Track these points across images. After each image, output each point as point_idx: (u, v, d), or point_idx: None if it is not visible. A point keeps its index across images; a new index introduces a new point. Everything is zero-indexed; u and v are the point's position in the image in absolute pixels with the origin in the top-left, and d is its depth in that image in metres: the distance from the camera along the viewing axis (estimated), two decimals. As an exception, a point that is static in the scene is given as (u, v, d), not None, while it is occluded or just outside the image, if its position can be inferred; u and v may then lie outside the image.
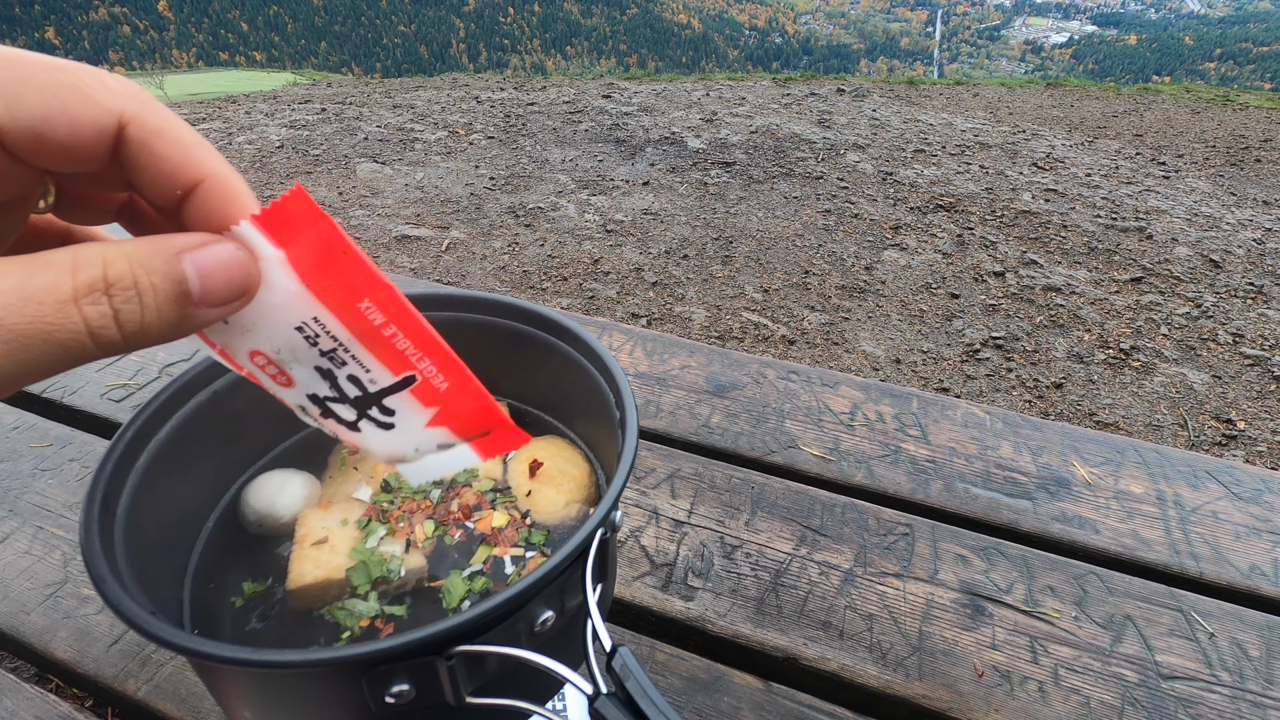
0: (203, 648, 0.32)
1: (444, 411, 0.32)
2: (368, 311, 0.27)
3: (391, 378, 0.30)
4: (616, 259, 3.31)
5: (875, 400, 0.94)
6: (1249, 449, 2.30)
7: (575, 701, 0.56)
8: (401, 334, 0.28)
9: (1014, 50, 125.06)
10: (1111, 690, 0.62)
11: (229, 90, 7.55)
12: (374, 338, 0.28)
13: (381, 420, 0.32)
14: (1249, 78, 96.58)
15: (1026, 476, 0.83)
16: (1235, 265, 3.35)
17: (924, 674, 0.63)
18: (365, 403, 0.31)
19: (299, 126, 5.07)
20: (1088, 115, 6.01)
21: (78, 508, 0.77)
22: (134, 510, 0.41)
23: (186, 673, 0.62)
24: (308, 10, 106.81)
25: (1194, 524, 0.78)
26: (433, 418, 0.32)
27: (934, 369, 2.66)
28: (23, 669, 0.69)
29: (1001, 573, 0.72)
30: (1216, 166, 4.75)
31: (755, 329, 2.85)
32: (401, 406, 0.31)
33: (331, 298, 0.27)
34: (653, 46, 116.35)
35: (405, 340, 0.29)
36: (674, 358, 1.01)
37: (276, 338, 0.28)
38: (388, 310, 0.27)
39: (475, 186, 4.06)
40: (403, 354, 0.29)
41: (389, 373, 0.30)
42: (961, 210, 3.81)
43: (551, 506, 0.51)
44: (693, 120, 5.15)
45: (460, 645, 0.33)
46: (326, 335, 0.28)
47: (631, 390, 0.47)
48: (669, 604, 0.68)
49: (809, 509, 0.78)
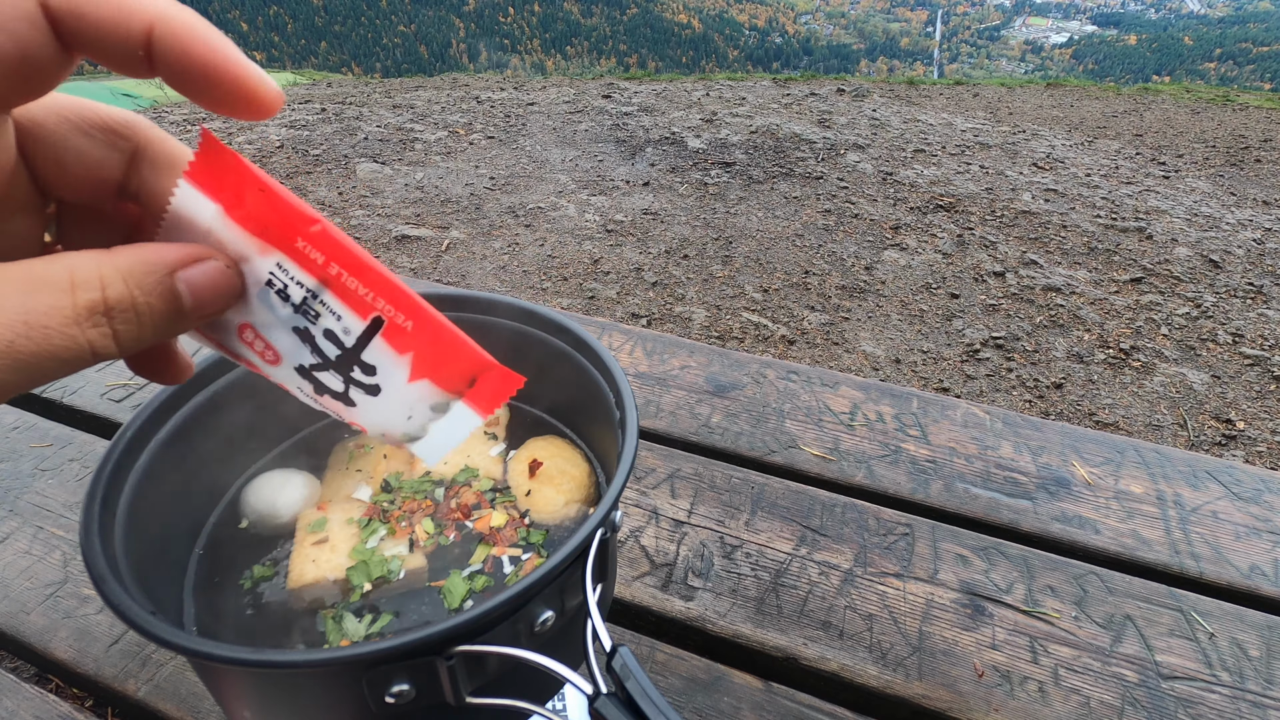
0: (203, 648, 0.32)
1: (420, 358, 0.29)
2: (307, 251, 0.25)
3: (361, 323, 0.27)
4: (616, 259, 3.31)
5: (875, 400, 0.94)
6: (1249, 449, 2.30)
7: (575, 701, 0.56)
8: (346, 273, 0.26)
9: (1014, 50, 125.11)
10: (1111, 690, 0.62)
11: (229, 90, 7.53)
12: (328, 280, 0.26)
13: (366, 382, 0.30)
14: (1249, 78, 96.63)
15: (1026, 476, 0.83)
16: (1235, 265, 3.35)
17: (924, 674, 0.63)
18: (346, 362, 0.29)
19: (299, 126, 5.07)
20: (1088, 115, 6.01)
21: (78, 508, 0.77)
22: (134, 510, 0.41)
23: (186, 673, 0.62)
24: (308, 10, 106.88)
25: (1194, 524, 0.78)
26: (411, 368, 0.29)
27: (934, 369, 2.66)
28: (23, 669, 0.69)
29: (1001, 573, 0.72)
30: (1216, 166, 4.75)
31: (755, 329, 2.85)
32: (380, 360, 0.29)
33: (276, 242, 0.25)
34: (653, 46, 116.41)
35: (353, 279, 0.26)
36: (674, 358, 1.01)
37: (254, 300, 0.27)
38: (324, 248, 0.25)
39: (475, 186, 4.07)
40: (358, 294, 0.27)
41: (357, 317, 0.27)
42: (961, 210, 3.81)
43: (551, 506, 0.51)
44: (693, 120, 5.15)
45: (460, 645, 0.33)
46: (294, 284, 0.26)
47: (631, 390, 0.47)
48: (669, 604, 0.68)
49: (809, 509, 0.78)
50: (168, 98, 7.46)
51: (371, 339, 0.28)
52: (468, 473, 0.54)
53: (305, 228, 0.25)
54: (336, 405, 0.31)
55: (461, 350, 0.29)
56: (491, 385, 0.30)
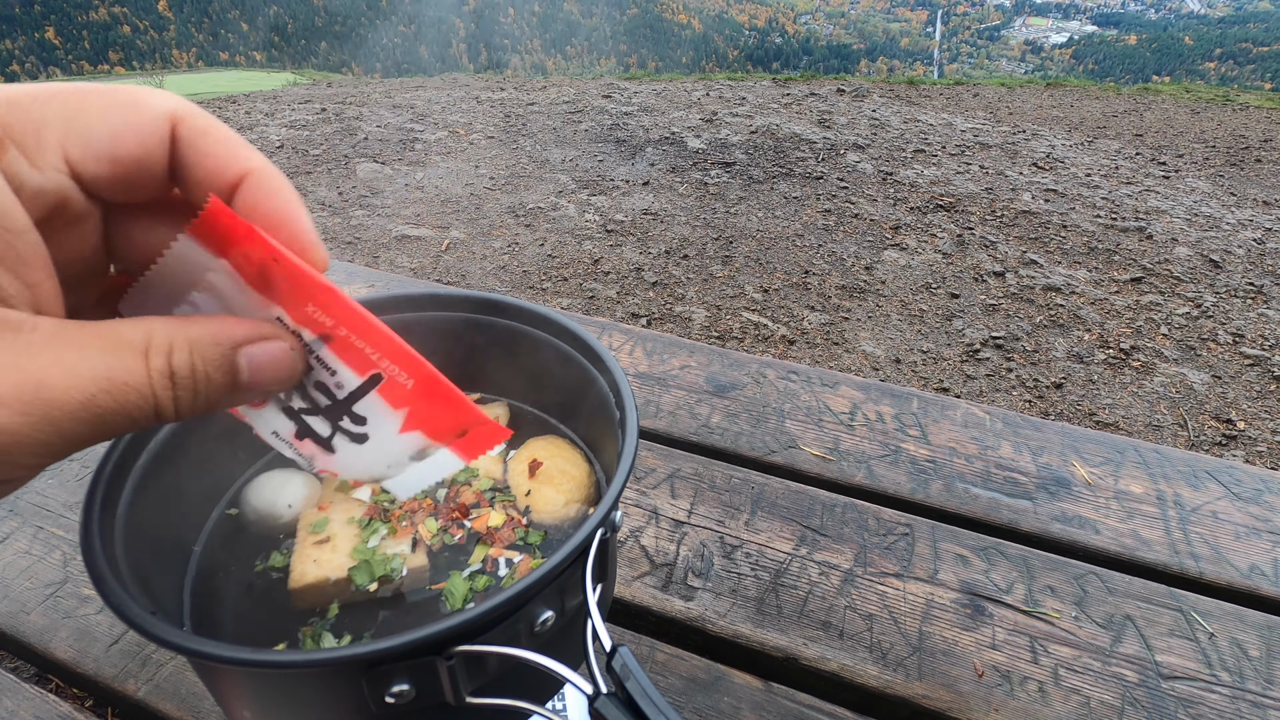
0: (203, 648, 0.32)
1: (415, 412, 0.30)
2: (315, 315, 0.27)
3: (358, 379, 0.29)
4: (616, 259, 3.31)
5: (875, 400, 0.94)
6: (1249, 449, 2.30)
7: (575, 701, 0.56)
8: (354, 336, 0.27)
9: (1014, 50, 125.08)
10: (1111, 690, 0.62)
11: (229, 90, 7.55)
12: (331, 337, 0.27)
13: (354, 431, 0.31)
14: (1249, 78, 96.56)
15: (1026, 476, 0.83)
16: (1235, 265, 3.35)
17: (924, 674, 0.63)
18: (336, 411, 0.30)
19: (299, 126, 5.07)
20: (1088, 115, 6.01)
21: (78, 508, 0.77)
22: (134, 510, 0.41)
23: (186, 673, 0.62)
24: (308, 10, 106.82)
25: (1194, 524, 0.78)
26: (405, 420, 0.30)
27: (934, 369, 2.66)
28: (23, 669, 0.69)
29: (1001, 573, 0.72)
30: (1216, 166, 4.75)
31: (755, 329, 2.85)
32: (372, 411, 0.30)
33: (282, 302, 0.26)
34: (653, 46, 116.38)
35: (359, 340, 0.27)
36: (674, 358, 1.01)
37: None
38: (334, 313, 0.27)
39: (475, 186, 4.07)
40: (361, 352, 0.28)
41: (354, 373, 0.29)
42: (961, 210, 3.81)
43: (551, 506, 0.51)
44: (693, 120, 5.15)
45: (460, 645, 0.33)
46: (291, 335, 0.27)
47: (631, 390, 0.47)
48: (669, 604, 0.68)
49: (809, 509, 0.78)
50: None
51: (367, 393, 0.29)
52: (468, 473, 0.54)
53: (317, 295, 0.26)
54: (313, 450, 0.32)
55: (459, 406, 0.30)
56: (480, 436, 0.32)
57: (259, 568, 0.48)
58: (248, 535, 0.50)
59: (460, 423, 0.31)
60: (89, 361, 0.22)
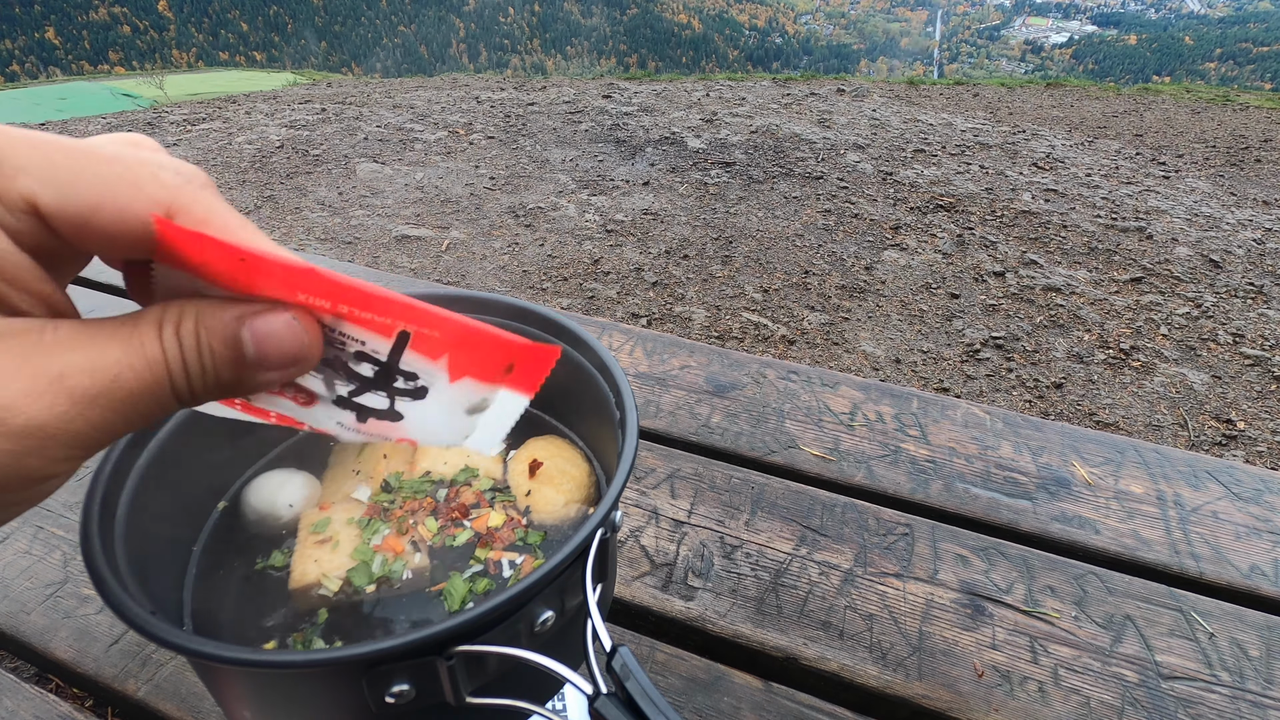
0: (203, 648, 0.32)
1: (455, 359, 0.28)
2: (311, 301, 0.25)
3: (386, 342, 0.27)
4: (616, 259, 3.31)
5: (875, 400, 0.94)
6: (1249, 449, 2.30)
7: (575, 701, 0.56)
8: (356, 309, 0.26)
9: (1014, 50, 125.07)
10: (1111, 690, 0.62)
11: (229, 90, 7.55)
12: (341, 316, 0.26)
13: (411, 389, 0.29)
14: (1249, 78, 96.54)
15: (1026, 476, 0.83)
16: (1235, 265, 3.35)
17: (924, 674, 0.63)
18: (386, 376, 0.29)
19: (299, 126, 5.08)
20: (1088, 115, 6.01)
21: (78, 508, 0.77)
22: (134, 510, 0.41)
23: (186, 673, 0.62)
24: (308, 10, 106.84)
25: (1194, 524, 0.78)
26: (449, 370, 0.29)
27: (934, 369, 2.66)
28: (23, 669, 0.69)
29: (1001, 573, 0.72)
30: (1216, 166, 4.75)
31: (755, 329, 2.85)
32: (419, 366, 0.28)
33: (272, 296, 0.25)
34: (653, 46, 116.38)
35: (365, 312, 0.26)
36: (674, 358, 1.01)
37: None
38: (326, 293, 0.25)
39: (475, 186, 4.07)
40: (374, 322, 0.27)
41: (381, 338, 0.27)
42: (961, 210, 3.81)
43: (551, 506, 0.51)
44: (693, 120, 5.15)
45: (460, 645, 0.33)
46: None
47: (631, 390, 0.47)
48: (669, 604, 0.68)
49: (809, 509, 0.78)
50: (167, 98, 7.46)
51: (402, 352, 0.28)
52: (468, 473, 0.54)
53: (301, 280, 0.25)
54: (383, 426, 0.31)
55: (493, 342, 0.29)
56: (529, 365, 0.30)
57: (259, 567, 0.48)
58: (248, 535, 0.50)
59: (502, 357, 0.29)
60: (110, 346, 0.22)
